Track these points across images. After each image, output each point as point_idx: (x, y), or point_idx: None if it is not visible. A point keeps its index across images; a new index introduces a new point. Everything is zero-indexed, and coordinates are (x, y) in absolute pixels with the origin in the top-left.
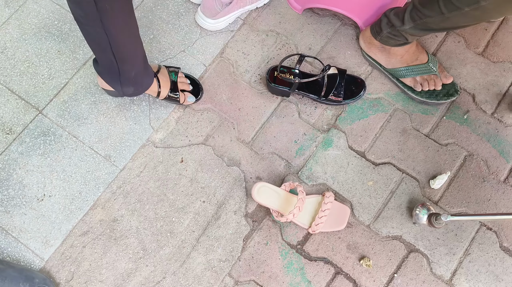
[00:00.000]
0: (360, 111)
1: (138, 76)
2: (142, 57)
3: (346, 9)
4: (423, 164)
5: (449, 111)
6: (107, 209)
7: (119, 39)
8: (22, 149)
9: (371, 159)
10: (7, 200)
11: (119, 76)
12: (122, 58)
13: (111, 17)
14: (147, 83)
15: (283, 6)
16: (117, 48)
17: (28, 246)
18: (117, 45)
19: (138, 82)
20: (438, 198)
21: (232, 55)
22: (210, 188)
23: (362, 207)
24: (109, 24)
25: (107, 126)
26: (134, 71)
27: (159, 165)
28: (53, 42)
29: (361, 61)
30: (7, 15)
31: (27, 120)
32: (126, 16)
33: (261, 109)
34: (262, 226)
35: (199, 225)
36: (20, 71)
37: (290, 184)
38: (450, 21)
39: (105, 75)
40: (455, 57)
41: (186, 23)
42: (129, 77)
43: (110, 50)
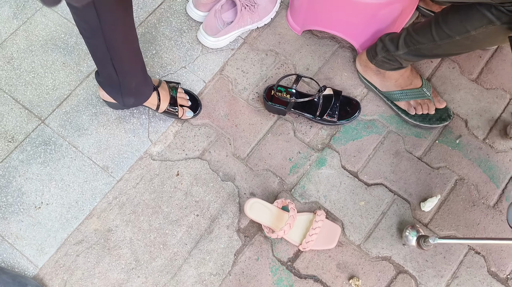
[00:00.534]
0: (355, 132)
1: (138, 87)
2: (141, 68)
3: (344, 32)
4: (415, 186)
5: (441, 135)
6: (102, 219)
7: (119, 51)
8: (23, 157)
9: (364, 179)
10: (5, 206)
11: (120, 87)
12: (122, 69)
13: (112, 30)
14: (147, 94)
15: (283, 27)
16: (118, 59)
17: (23, 252)
18: (117, 57)
19: (138, 93)
20: (428, 220)
21: (232, 73)
22: (204, 202)
23: (353, 226)
24: (110, 37)
25: (107, 137)
26: (135, 82)
27: (155, 177)
28: (59, 55)
29: (357, 83)
30: (15, 27)
31: (29, 129)
32: (127, 29)
33: (257, 127)
34: (253, 242)
35: (192, 238)
36: (26, 81)
37: (282, 201)
38: (442, 49)
39: (106, 87)
40: (449, 82)
41: (188, 40)
42: (130, 88)
43: (110, 62)
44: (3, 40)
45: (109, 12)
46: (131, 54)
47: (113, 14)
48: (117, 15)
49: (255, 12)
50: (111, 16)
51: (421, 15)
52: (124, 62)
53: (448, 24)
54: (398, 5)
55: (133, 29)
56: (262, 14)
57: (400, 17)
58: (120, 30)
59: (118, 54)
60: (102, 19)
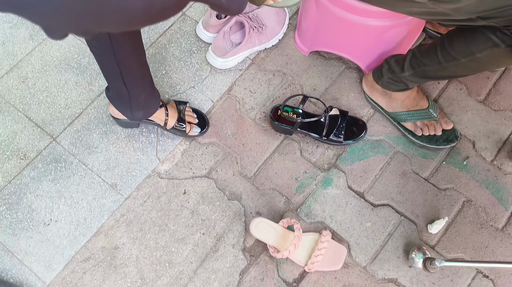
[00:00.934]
0: (361, 152)
1: (147, 99)
2: (149, 80)
3: (350, 54)
4: (422, 207)
5: (449, 156)
6: (109, 237)
7: (128, 65)
8: (34, 174)
9: (370, 199)
10: (15, 223)
11: (130, 101)
12: (131, 82)
13: (122, 47)
14: (155, 106)
15: (291, 48)
16: (127, 73)
17: (32, 269)
18: (126, 71)
19: (147, 105)
20: (435, 242)
21: (239, 93)
22: (210, 221)
23: (359, 247)
24: (120, 53)
25: (116, 155)
26: (144, 94)
27: (163, 195)
28: (72, 74)
29: (363, 103)
30: (31, 47)
31: (41, 147)
32: (135, 44)
33: (264, 146)
34: (259, 261)
35: (198, 256)
36: (39, 100)
37: (288, 220)
38: (448, 71)
39: (116, 101)
40: (456, 104)
41: (197, 61)
42: (139, 101)
43: (120, 76)
44: (19, 61)
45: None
46: (139, 68)
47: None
48: (128, 32)
49: (263, 33)
50: (122, 34)
51: (428, 37)
52: (133, 75)
53: (453, 47)
54: (404, 27)
55: (141, 44)
56: (270, 35)
57: (406, 39)
58: (129, 46)
59: (127, 68)
60: (113, 38)
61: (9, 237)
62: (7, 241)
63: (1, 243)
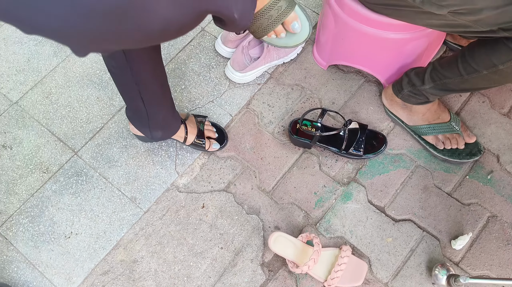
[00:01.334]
0: (381, 166)
1: (166, 120)
2: (169, 102)
3: (369, 67)
4: (445, 223)
5: (472, 170)
6: (128, 250)
7: (147, 84)
8: (56, 187)
9: (391, 214)
10: (37, 235)
11: (148, 121)
12: (150, 102)
13: (140, 66)
14: (175, 127)
15: (309, 62)
16: (146, 94)
17: (52, 281)
18: (145, 90)
19: (166, 126)
20: (459, 259)
21: (258, 107)
22: (228, 235)
23: (380, 263)
24: (137, 72)
25: (135, 169)
26: (162, 115)
27: (181, 209)
28: (94, 90)
29: (383, 117)
30: (55, 64)
31: (63, 160)
32: (154, 64)
33: (282, 160)
34: (277, 276)
35: (216, 271)
36: (62, 115)
37: (307, 235)
38: (469, 83)
39: (135, 121)
40: (479, 117)
41: (216, 75)
42: (157, 121)
43: (139, 96)
44: (43, 77)
45: (136, 51)
46: (159, 88)
47: (139, 51)
48: (144, 51)
49: (281, 48)
50: (138, 53)
51: (448, 49)
52: (152, 95)
53: (474, 59)
54: (424, 40)
55: (161, 64)
56: (288, 50)
57: (426, 52)
58: (148, 65)
59: (146, 87)
60: (129, 57)
61: (31, 250)
62: (29, 253)
63: (23, 256)
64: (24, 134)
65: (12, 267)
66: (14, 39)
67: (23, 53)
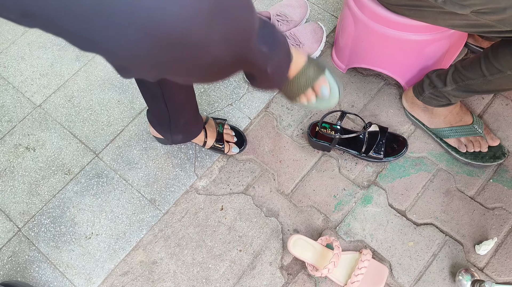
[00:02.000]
0: (402, 170)
1: (188, 125)
2: (193, 107)
3: (390, 70)
4: (468, 227)
5: (496, 174)
6: (148, 251)
7: (172, 90)
8: (77, 188)
9: (412, 218)
10: (58, 235)
11: (170, 125)
12: (173, 108)
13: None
14: (196, 132)
15: (328, 65)
16: (170, 99)
17: (73, 281)
18: (169, 96)
19: (187, 131)
20: (484, 264)
21: (276, 110)
22: (247, 237)
23: (401, 268)
24: (163, 78)
25: (155, 171)
26: (184, 120)
27: (200, 211)
28: (115, 93)
29: (404, 119)
30: (77, 68)
31: (84, 162)
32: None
33: (301, 163)
34: (296, 280)
35: (234, 273)
36: (83, 118)
37: (327, 238)
38: (493, 84)
39: (156, 125)
40: (502, 119)
41: (235, 79)
42: (178, 126)
43: (163, 100)
44: (66, 81)
45: None
46: (184, 93)
47: None
48: None
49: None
50: None
51: (470, 51)
52: (176, 100)
53: (498, 59)
54: (445, 42)
55: None
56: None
57: (447, 54)
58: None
59: (171, 92)
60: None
61: (52, 250)
62: (50, 253)
63: (45, 256)
64: (47, 136)
65: (34, 267)
66: (38, 44)
67: (46, 57)
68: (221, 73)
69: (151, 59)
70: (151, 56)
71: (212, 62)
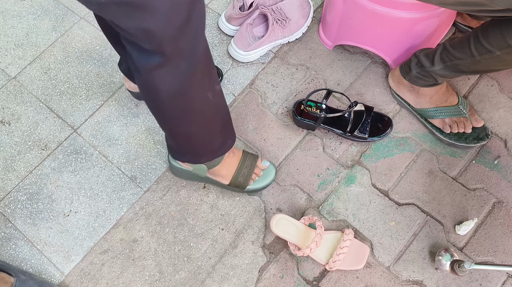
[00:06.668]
0: (386, 150)
1: None
2: None
3: (377, 48)
4: (449, 207)
5: (478, 155)
6: (128, 229)
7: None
8: (55, 165)
9: (395, 198)
10: (35, 213)
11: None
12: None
13: None
14: None
15: (315, 42)
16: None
17: (51, 259)
18: None
19: None
20: (463, 244)
21: (261, 87)
22: (229, 216)
23: (382, 247)
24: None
25: (136, 148)
26: None
27: (182, 189)
28: (93, 66)
29: (389, 99)
30: (54, 39)
31: (62, 138)
32: None
33: (285, 141)
34: (278, 259)
35: (216, 252)
36: (61, 91)
37: (309, 217)
38: (481, 64)
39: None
40: (487, 100)
41: (219, 54)
42: None
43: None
44: (42, 52)
45: None
46: None
47: None
48: None
49: (287, 27)
50: None
51: (458, 31)
52: None
53: (488, 39)
54: (434, 20)
55: None
56: (294, 28)
57: (436, 33)
58: None
59: None
60: None
61: (29, 227)
62: (28, 231)
63: (22, 233)
64: (22, 110)
65: (10, 244)
66: (13, 12)
67: (21, 27)
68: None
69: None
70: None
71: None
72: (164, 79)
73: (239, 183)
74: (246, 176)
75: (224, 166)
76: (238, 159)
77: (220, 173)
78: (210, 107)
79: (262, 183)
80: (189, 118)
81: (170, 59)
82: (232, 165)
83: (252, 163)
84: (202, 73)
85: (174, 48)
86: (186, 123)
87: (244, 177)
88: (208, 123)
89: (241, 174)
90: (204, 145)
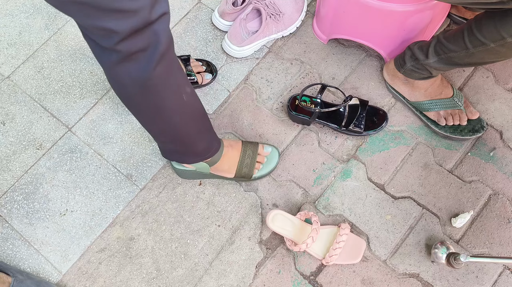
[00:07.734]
0: (381, 143)
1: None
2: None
3: (371, 41)
4: (445, 200)
5: (474, 147)
6: (125, 227)
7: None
8: (50, 164)
9: (391, 192)
10: (32, 212)
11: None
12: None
13: None
14: None
15: (309, 36)
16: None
17: (48, 258)
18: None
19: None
20: (459, 237)
21: (256, 82)
22: (226, 212)
23: (379, 241)
24: None
25: (131, 146)
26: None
27: (178, 186)
28: (87, 64)
29: (384, 92)
30: (46, 37)
31: (56, 137)
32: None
33: (281, 137)
34: (275, 254)
35: (213, 248)
36: (54, 90)
37: (305, 213)
38: (475, 57)
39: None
40: (482, 92)
41: (213, 50)
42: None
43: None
44: (35, 50)
45: None
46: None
47: None
48: None
49: (280, 21)
50: None
51: (452, 22)
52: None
53: (482, 31)
54: (428, 13)
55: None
56: (288, 23)
57: (430, 25)
58: None
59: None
60: None
61: (26, 227)
62: (24, 230)
63: (18, 233)
64: (16, 109)
65: (7, 244)
66: (5, 11)
67: (14, 26)
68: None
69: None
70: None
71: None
72: (128, 74)
73: (244, 174)
74: (250, 165)
75: (225, 161)
76: (239, 150)
77: (223, 168)
78: (186, 109)
79: (267, 168)
80: (162, 116)
81: (130, 56)
82: (233, 158)
83: (254, 152)
84: (167, 71)
85: (133, 45)
86: (160, 122)
87: (248, 167)
88: (185, 124)
89: (244, 165)
90: (185, 146)
